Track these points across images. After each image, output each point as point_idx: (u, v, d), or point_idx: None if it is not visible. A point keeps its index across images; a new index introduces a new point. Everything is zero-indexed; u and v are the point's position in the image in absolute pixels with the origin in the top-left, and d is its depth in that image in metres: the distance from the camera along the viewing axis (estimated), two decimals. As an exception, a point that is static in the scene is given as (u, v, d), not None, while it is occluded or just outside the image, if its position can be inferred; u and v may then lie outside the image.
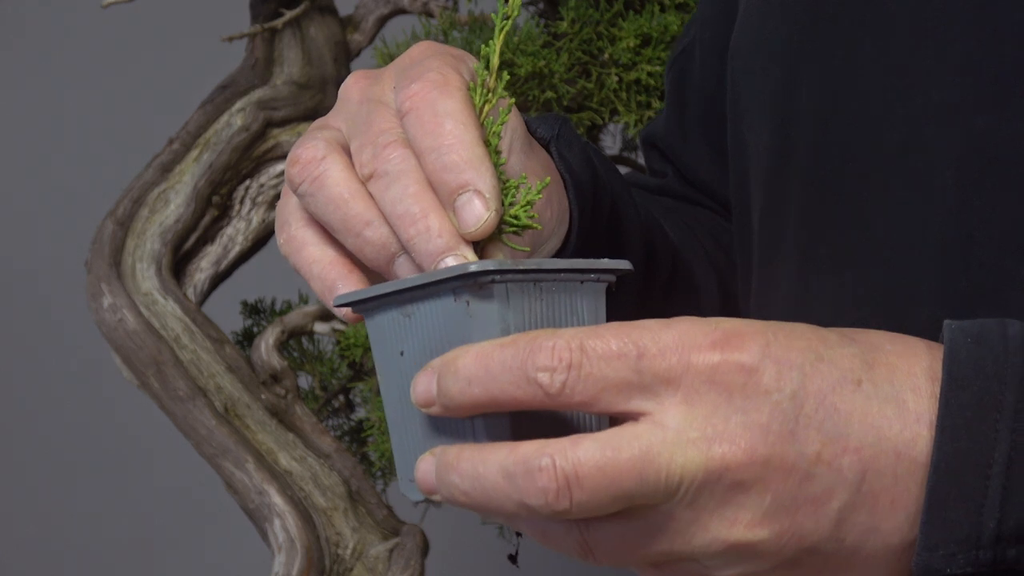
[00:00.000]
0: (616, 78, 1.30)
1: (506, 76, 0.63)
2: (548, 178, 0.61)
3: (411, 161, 0.60)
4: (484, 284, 0.55)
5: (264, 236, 1.32)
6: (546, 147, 0.70)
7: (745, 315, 0.80)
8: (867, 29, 0.68)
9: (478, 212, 0.58)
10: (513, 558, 1.39)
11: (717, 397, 0.52)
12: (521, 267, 0.55)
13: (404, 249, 0.60)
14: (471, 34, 1.31)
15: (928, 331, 0.62)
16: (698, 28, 0.91)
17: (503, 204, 0.59)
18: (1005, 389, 0.53)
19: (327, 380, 1.40)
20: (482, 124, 0.61)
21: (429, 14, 1.33)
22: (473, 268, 0.55)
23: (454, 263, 0.58)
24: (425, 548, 1.23)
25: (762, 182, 0.75)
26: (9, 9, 2.10)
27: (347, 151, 0.62)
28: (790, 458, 0.52)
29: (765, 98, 0.75)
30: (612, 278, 0.58)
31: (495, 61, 0.62)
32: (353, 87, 0.65)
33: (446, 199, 0.59)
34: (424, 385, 0.55)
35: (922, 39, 0.66)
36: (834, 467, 0.53)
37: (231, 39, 1.28)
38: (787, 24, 0.73)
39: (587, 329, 0.53)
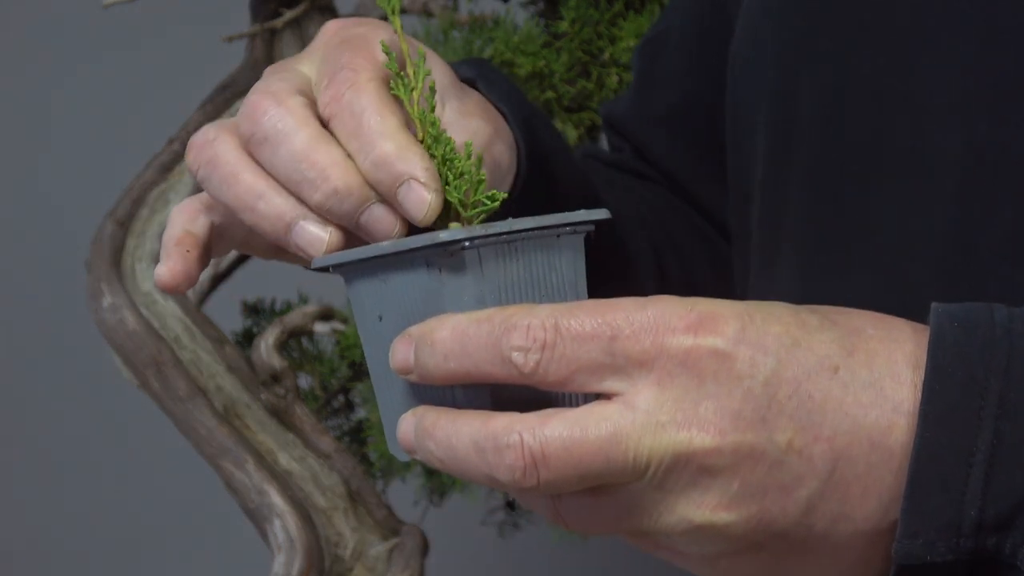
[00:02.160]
0: (616, 78, 1.30)
1: (421, 52, 0.62)
2: (470, 143, 0.61)
3: (289, 121, 0.60)
4: (455, 252, 0.55)
5: (264, 236, 1.31)
6: (473, 86, 0.70)
7: None
8: (867, 31, 0.68)
9: (420, 197, 0.58)
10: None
11: (689, 381, 0.52)
12: (492, 231, 0.55)
13: (299, 217, 0.60)
14: (471, 34, 1.31)
15: None
16: (677, 15, 0.91)
17: (451, 177, 0.59)
18: (990, 376, 0.53)
19: (327, 380, 1.40)
20: (410, 102, 0.60)
21: (429, 14, 1.33)
22: (443, 237, 0.54)
23: (379, 211, 0.59)
24: (425, 548, 1.23)
25: (761, 185, 0.75)
26: (9, 9, 2.10)
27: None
28: (760, 445, 0.52)
29: (764, 101, 0.74)
30: (590, 228, 0.58)
31: (404, 47, 0.61)
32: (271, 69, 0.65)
33: (388, 195, 0.59)
34: (402, 354, 0.55)
35: (923, 41, 0.65)
36: (805, 455, 0.53)
37: (231, 39, 1.28)
38: (786, 26, 0.73)
39: (562, 307, 0.53)
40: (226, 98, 1.29)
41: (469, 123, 0.64)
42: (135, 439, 2.04)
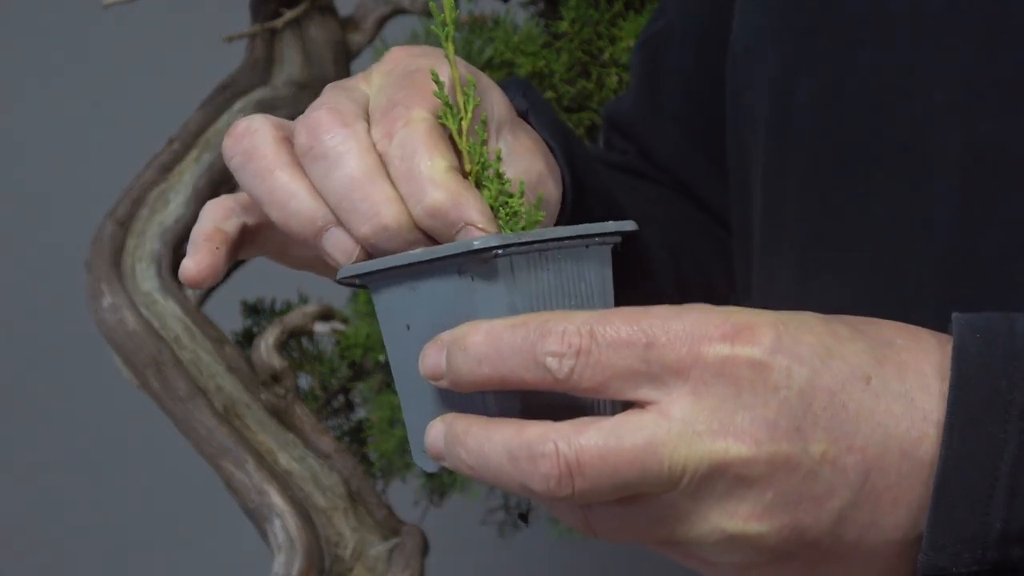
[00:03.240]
0: (616, 78, 1.30)
1: (471, 81, 0.61)
2: (523, 181, 0.60)
3: (351, 145, 0.59)
4: (488, 259, 0.55)
5: (264, 236, 1.32)
6: (524, 118, 0.70)
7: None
8: (867, 28, 0.68)
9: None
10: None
11: (725, 390, 0.52)
12: (525, 239, 0.55)
13: (332, 223, 0.59)
14: (471, 34, 1.31)
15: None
16: (676, 13, 0.91)
17: (504, 215, 0.59)
18: (1014, 389, 0.53)
19: (327, 380, 1.40)
20: (459, 132, 0.60)
21: (429, 14, 1.33)
22: (477, 244, 0.54)
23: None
24: (425, 548, 1.23)
25: (761, 182, 0.75)
26: (9, 9, 2.10)
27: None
28: (795, 456, 0.52)
29: (764, 98, 0.74)
30: (617, 239, 0.58)
31: (455, 74, 0.61)
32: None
33: (446, 240, 0.58)
34: (433, 358, 0.55)
35: (924, 39, 0.65)
36: (838, 466, 0.53)
37: (231, 39, 1.28)
38: (785, 23, 0.73)
39: (598, 313, 0.53)
40: (226, 98, 1.29)
41: (523, 160, 0.64)
42: (135, 439, 2.04)
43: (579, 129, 1.30)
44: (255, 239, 0.65)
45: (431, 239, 0.59)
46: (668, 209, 0.88)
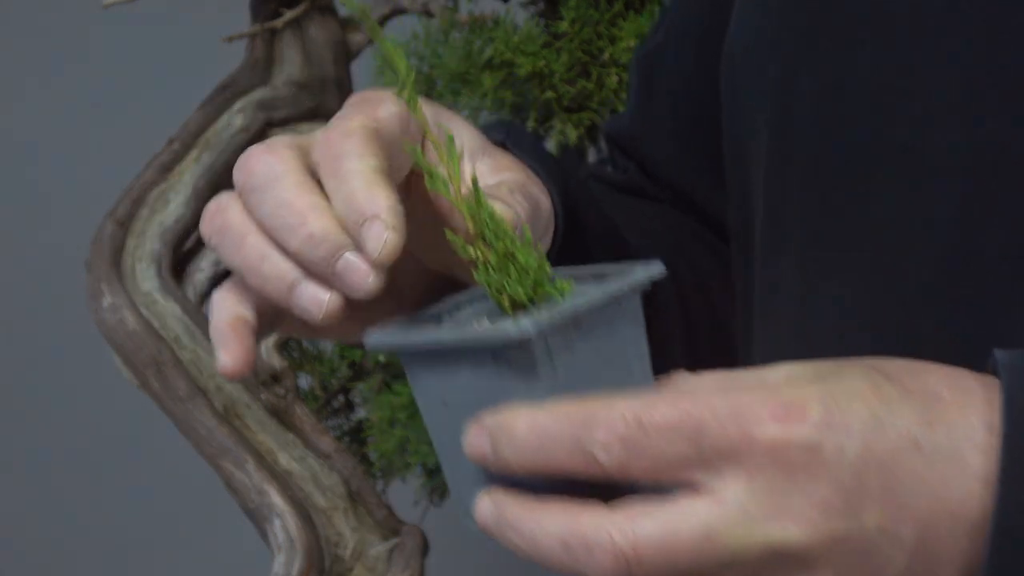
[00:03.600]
0: (616, 78, 1.30)
1: (449, 135, 0.59)
2: (527, 227, 0.59)
3: (278, 168, 0.58)
4: (524, 346, 0.53)
5: (264, 236, 1.32)
6: (502, 147, 0.70)
7: (746, 322, 0.80)
8: (868, 28, 0.68)
9: (378, 234, 0.56)
10: None
11: (778, 473, 0.52)
12: (559, 318, 0.53)
13: (301, 278, 0.57)
14: (471, 34, 1.31)
15: (935, 336, 0.61)
16: (672, 26, 0.91)
17: (514, 272, 0.57)
18: None
19: (327, 380, 1.40)
20: (451, 193, 0.58)
21: (429, 14, 1.33)
22: (513, 334, 0.52)
23: (353, 259, 0.56)
24: (425, 548, 1.23)
25: (762, 185, 0.75)
26: (9, 9, 2.10)
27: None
28: (852, 532, 0.52)
29: (763, 100, 0.74)
30: (647, 286, 0.57)
31: (421, 116, 0.60)
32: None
33: (354, 235, 0.57)
34: (477, 444, 0.54)
35: (925, 39, 0.65)
36: (893, 535, 0.53)
37: (231, 39, 1.28)
38: (785, 23, 0.72)
39: (643, 401, 0.52)
40: (226, 98, 1.29)
41: (503, 175, 0.64)
42: (135, 439, 2.04)
43: (579, 129, 1.30)
44: (277, 316, 0.63)
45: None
46: (665, 222, 0.88)
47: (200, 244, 1.29)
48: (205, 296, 1.31)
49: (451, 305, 0.63)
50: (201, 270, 1.29)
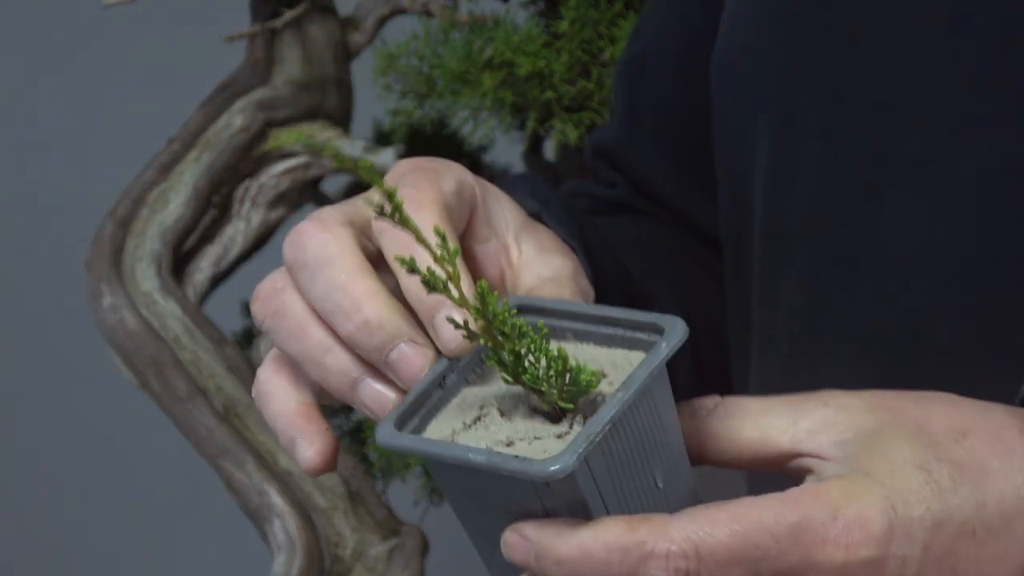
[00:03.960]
0: (616, 78, 1.29)
1: (454, 251, 0.54)
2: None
3: (332, 247, 0.56)
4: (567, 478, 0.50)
5: (264, 236, 1.32)
6: (537, 219, 0.69)
7: (739, 334, 0.79)
8: (871, 38, 0.67)
9: (452, 334, 0.54)
10: None
11: None
12: (594, 435, 0.50)
13: (365, 374, 0.56)
14: (471, 34, 1.31)
15: (947, 350, 0.61)
16: (650, 38, 0.88)
17: (557, 381, 0.53)
18: None
19: (327, 380, 1.40)
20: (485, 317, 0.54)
21: (429, 14, 1.33)
22: (554, 470, 0.49)
23: (408, 350, 0.54)
24: (424, 548, 1.23)
25: (763, 198, 0.73)
26: (9, 9, 2.10)
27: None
28: None
29: (762, 113, 0.72)
30: (671, 354, 0.54)
31: (414, 232, 0.53)
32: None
33: (426, 322, 0.55)
34: (520, 554, 0.52)
35: (929, 49, 0.64)
36: None
37: (231, 39, 1.28)
38: (783, 34, 0.71)
39: (699, 527, 0.51)
40: (226, 98, 1.29)
41: (551, 260, 0.62)
42: (135, 439, 2.04)
43: (579, 129, 1.30)
44: (323, 393, 0.60)
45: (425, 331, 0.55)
46: (655, 237, 0.87)
47: (200, 244, 1.29)
48: (205, 296, 1.31)
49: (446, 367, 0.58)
50: (201, 270, 1.29)
